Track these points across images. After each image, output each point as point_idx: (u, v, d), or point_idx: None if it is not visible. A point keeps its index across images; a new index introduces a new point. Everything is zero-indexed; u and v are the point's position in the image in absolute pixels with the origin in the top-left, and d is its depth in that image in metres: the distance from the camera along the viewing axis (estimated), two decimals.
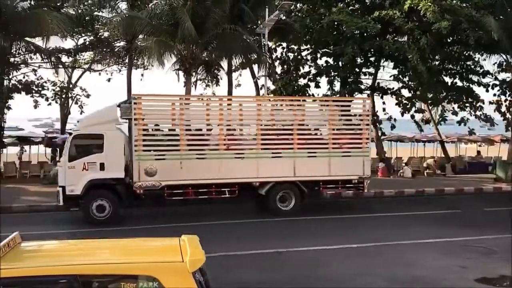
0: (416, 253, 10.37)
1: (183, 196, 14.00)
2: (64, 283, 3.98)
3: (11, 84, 22.70)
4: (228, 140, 15.13)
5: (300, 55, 25.63)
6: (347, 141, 15.78)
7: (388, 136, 28.79)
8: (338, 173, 15.14)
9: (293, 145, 14.98)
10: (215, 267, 5.48)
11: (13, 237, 4.58)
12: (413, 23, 21.36)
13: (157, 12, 18.42)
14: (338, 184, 15.42)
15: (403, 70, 24.44)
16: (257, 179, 14.56)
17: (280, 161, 14.89)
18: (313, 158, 15.14)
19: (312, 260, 9.88)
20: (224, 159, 14.43)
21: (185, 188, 13.95)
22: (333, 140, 15.58)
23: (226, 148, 14.87)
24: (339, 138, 15.87)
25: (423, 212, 15.54)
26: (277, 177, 14.72)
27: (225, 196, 14.27)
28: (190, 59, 19.23)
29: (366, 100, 16.89)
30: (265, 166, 14.59)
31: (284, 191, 14.91)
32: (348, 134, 15.98)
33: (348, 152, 15.64)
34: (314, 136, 16.16)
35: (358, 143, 15.69)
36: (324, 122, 16.07)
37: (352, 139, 15.84)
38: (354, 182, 15.42)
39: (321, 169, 14.96)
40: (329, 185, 15.36)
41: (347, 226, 13.50)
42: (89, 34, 23.56)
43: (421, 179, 23.24)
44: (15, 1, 19.16)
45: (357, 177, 15.34)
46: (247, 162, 14.65)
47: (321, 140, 15.83)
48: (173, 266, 4.19)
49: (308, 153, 15.20)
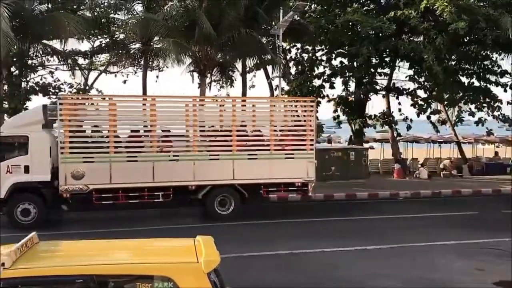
0: (432, 255, 10.24)
1: (113, 200, 13.43)
2: (81, 283, 4.03)
3: (28, 86, 22.99)
4: (162, 142, 14.44)
5: (315, 55, 25.56)
6: (290, 143, 15.12)
7: (403, 137, 28.58)
8: (280, 176, 14.53)
9: (232, 146, 14.40)
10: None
11: (31, 237, 4.64)
12: (429, 23, 21.15)
13: (172, 14, 18.52)
14: (281, 187, 14.80)
15: (419, 71, 24.21)
16: (193, 182, 13.98)
17: (218, 164, 14.32)
18: (254, 160, 14.54)
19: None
20: (157, 162, 13.77)
21: (115, 192, 13.37)
22: (275, 141, 14.96)
23: (160, 150, 14.19)
24: (282, 139, 15.26)
25: (439, 213, 15.36)
26: (214, 180, 14.14)
27: (158, 200, 13.71)
28: (205, 60, 19.30)
29: (311, 100, 15.96)
30: (201, 169, 14.02)
31: (223, 194, 14.35)
32: (291, 136, 15.33)
33: (291, 154, 14.95)
34: (255, 137, 15.25)
35: (302, 145, 15.02)
36: (266, 123, 15.25)
37: (295, 140, 15.18)
38: (298, 185, 14.77)
39: (263, 172, 14.34)
40: (271, 188, 14.76)
41: (360, 227, 13.42)
42: (105, 36, 23.79)
43: (437, 181, 23.00)
44: (33, 4, 19.44)
45: (301, 180, 14.69)
46: (182, 164, 14.04)
47: (263, 142, 15.01)
48: (188, 266, 4.21)
49: (248, 155, 14.61)
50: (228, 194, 14.41)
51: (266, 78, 24.98)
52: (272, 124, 15.09)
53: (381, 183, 21.81)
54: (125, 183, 13.40)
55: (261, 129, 15.53)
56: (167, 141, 14.59)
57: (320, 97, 25.46)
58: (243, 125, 15.29)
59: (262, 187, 14.59)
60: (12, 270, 3.95)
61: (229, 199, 14.42)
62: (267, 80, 24.85)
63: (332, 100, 26.16)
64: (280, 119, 15.65)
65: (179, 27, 18.72)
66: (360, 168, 22.36)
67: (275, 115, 15.38)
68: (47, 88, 23.85)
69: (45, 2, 20.26)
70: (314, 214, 15.52)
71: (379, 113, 26.55)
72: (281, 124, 15.64)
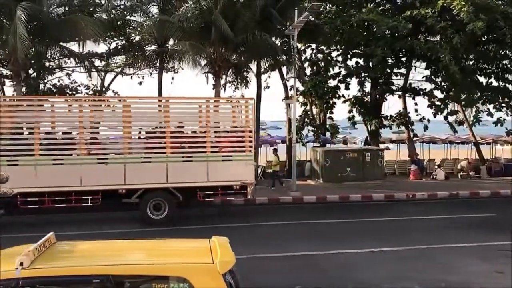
0: (449, 257, 10.13)
1: (39, 204, 13.08)
2: (98, 283, 4.06)
3: (46, 88, 23.34)
4: (90, 144, 14.07)
5: (330, 56, 25.48)
6: (228, 145, 14.75)
7: (420, 138, 28.31)
8: (217, 178, 14.08)
9: (166, 149, 14.00)
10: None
11: (48, 237, 4.70)
12: (446, 22, 20.91)
13: (188, 16, 18.60)
14: (218, 190, 14.31)
15: (436, 71, 23.97)
16: (123, 186, 13.57)
17: (150, 166, 13.89)
18: (189, 163, 14.19)
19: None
20: (84, 165, 13.41)
21: (41, 196, 13.02)
22: (211, 143, 14.55)
23: (88, 153, 13.79)
24: (219, 141, 14.93)
25: (457, 215, 15.16)
26: (146, 183, 13.72)
27: (86, 204, 13.34)
28: (219, 61, 19.34)
29: (249, 100, 15.28)
30: (133, 172, 13.59)
31: (157, 198, 13.92)
32: (229, 137, 14.98)
33: (229, 156, 14.56)
34: (191, 139, 14.89)
35: (240, 147, 14.60)
36: (202, 124, 14.76)
37: (233, 142, 14.82)
38: (236, 188, 14.34)
39: (199, 175, 13.92)
40: (208, 191, 14.21)
41: (376, 228, 13.31)
42: (121, 38, 23.99)
43: (454, 182, 22.75)
44: (50, 7, 19.67)
45: (239, 183, 14.25)
46: (112, 168, 13.59)
47: (199, 144, 14.55)
48: (204, 267, 4.23)
49: (183, 158, 14.28)
50: (162, 198, 13.95)
51: (281, 79, 24.97)
52: (209, 125, 14.64)
53: (397, 184, 21.64)
54: (51, 187, 13.03)
55: (197, 131, 15.13)
56: (96, 143, 14.28)
57: (336, 98, 25.41)
58: (180, 126, 14.92)
59: (198, 191, 14.10)
60: (30, 270, 4.00)
61: (163, 203, 13.96)
62: (282, 81, 24.84)
63: (348, 101, 26.05)
64: (217, 120, 15.22)
65: (194, 28, 18.78)
66: (376, 169, 22.24)
67: (212, 116, 14.85)
68: (64, 90, 24.16)
69: (62, 5, 20.49)
70: (329, 216, 15.45)
71: (395, 113, 26.37)
72: (218, 125, 15.28)
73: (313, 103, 26.21)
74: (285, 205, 17.45)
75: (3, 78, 22.29)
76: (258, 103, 22.88)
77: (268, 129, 66.88)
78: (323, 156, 21.90)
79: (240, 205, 16.74)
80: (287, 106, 24.28)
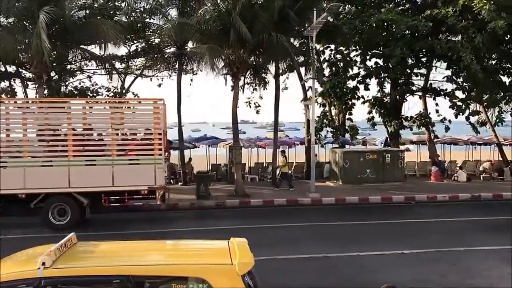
0: (472, 261, 9.97)
1: None
2: (118, 283, 4.10)
3: (67, 90, 23.73)
4: None
5: (349, 56, 25.31)
6: (135, 148, 14.24)
7: (441, 139, 27.92)
8: (123, 183, 13.58)
9: (68, 152, 13.58)
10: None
11: (70, 237, 4.76)
12: (467, 21, 20.59)
13: (206, 18, 18.70)
14: (124, 195, 13.72)
15: (457, 71, 23.61)
16: (23, 190, 13.17)
17: (51, 171, 13.44)
18: (93, 167, 13.74)
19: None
20: None
21: None
22: (117, 146, 14.06)
23: None
24: (125, 144, 14.46)
25: (479, 217, 14.92)
26: (47, 188, 13.28)
27: None
28: (238, 63, 19.39)
29: (158, 101, 14.54)
30: (33, 176, 13.19)
31: (59, 203, 13.49)
32: (136, 140, 14.53)
33: (136, 160, 14.03)
34: (95, 142, 14.35)
35: (148, 150, 14.09)
36: (107, 126, 14.31)
37: (141, 145, 14.33)
38: (144, 193, 13.78)
39: (103, 179, 13.43)
40: (113, 196, 13.66)
41: (396, 231, 13.15)
42: (141, 41, 24.25)
43: (477, 184, 22.37)
44: (72, 11, 20.00)
45: (147, 188, 13.76)
46: (11, 171, 13.17)
47: (103, 147, 14.14)
48: (223, 268, 4.24)
49: (86, 161, 13.79)
50: (64, 203, 13.53)
51: (300, 80, 24.90)
52: (114, 128, 14.19)
53: (418, 186, 21.38)
54: None
55: (103, 133, 14.70)
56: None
57: (355, 99, 25.22)
58: (88, 129, 14.52)
59: (102, 196, 13.62)
60: (52, 270, 4.06)
61: (66, 209, 13.56)
62: (301, 82, 24.78)
63: (367, 102, 25.84)
64: (124, 122, 14.66)
65: (213, 30, 18.87)
66: (396, 171, 22.01)
67: (117, 118, 14.36)
68: (85, 92, 24.53)
69: (83, 8, 20.82)
70: (348, 218, 15.35)
71: (415, 114, 26.06)
72: (125, 127, 14.79)
73: (332, 104, 26.06)
74: (304, 206, 17.40)
75: (26, 80, 22.74)
76: (276, 104, 22.87)
77: (287, 130, 66.96)
78: (343, 157, 21.77)
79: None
80: (306, 107, 24.19)
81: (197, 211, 16.94)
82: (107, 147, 14.09)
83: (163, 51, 24.18)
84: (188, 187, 20.78)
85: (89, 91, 24.87)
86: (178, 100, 22.35)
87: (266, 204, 17.57)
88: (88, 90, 24.82)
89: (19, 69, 22.41)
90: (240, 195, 18.63)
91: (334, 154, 22.82)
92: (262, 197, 18.43)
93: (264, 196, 18.58)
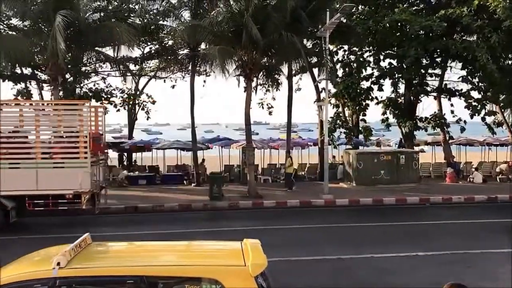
0: (488, 263, 9.84)
1: None
2: (132, 283, 4.11)
3: (82, 92, 23.99)
4: None
5: (362, 57, 25.15)
6: (60, 151, 14.05)
7: (456, 140, 27.59)
8: (47, 187, 13.27)
9: None
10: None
11: (84, 238, 4.79)
12: (483, 20, 20.34)
13: (218, 20, 18.75)
14: (49, 199, 13.41)
15: (472, 71, 23.33)
16: None
17: None
18: (17, 170, 13.49)
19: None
20: None
21: None
22: (42, 149, 13.81)
23: None
24: (50, 147, 14.23)
25: (495, 219, 14.71)
26: None
27: None
28: (250, 64, 19.40)
29: (85, 103, 14.58)
30: None
31: None
32: (61, 143, 14.30)
33: (61, 163, 13.86)
34: (19, 144, 13.99)
35: (74, 153, 13.84)
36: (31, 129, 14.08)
37: (66, 148, 14.08)
38: (69, 197, 13.50)
39: (27, 182, 13.17)
40: (38, 200, 13.39)
41: (410, 232, 13.03)
42: (154, 42, 24.44)
43: (493, 185, 22.09)
44: (87, 13, 20.23)
45: (72, 192, 13.46)
46: None
47: (27, 150, 13.81)
48: (236, 269, 4.23)
49: (10, 164, 13.48)
50: None
51: (313, 81, 24.84)
52: (38, 130, 14.03)
53: (432, 187, 21.17)
54: None
55: (28, 136, 14.42)
56: None
57: (369, 99, 25.03)
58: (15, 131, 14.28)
59: (26, 199, 13.39)
60: (67, 270, 4.09)
61: None
62: (314, 83, 24.70)
63: (381, 103, 25.64)
64: (48, 125, 14.53)
65: (225, 32, 18.92)
66: (411, 172, 21.83)
67: (41, 120, 14.22)
68: (100, 94, 24.78)
69: (98, 11, 21.04)
70: (362, 219, 15.25)
71: (430, 115, 25.79)
72: (50, 130, 14.66)
73: (346, 105, 25.92)
74: (317, 208, 17.34)
75: (41, 82, 23.04)
76: (289, 105, 22.82)
77: (300, 131, 66.81)
78: (356, 158, 21.65)
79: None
80: (319, 108, 24.11)
81: (210, 212, 17.00)
82: (31, 149, 13.90)
83: (177, 53, 24.33)
84: (201, 188, 20.85)
85: (104, 92, 25.12)
86: (192, 102, 22.43)
87: (279, 205, 17.55)
88: (102, 92, 25.06)
89: (35, 71, 22.74)
90: (253, 196, 18.65)
91: (347, 155, 22.71)
92: (275, 198, 18.42)
93: (277, 197, 18.56)
